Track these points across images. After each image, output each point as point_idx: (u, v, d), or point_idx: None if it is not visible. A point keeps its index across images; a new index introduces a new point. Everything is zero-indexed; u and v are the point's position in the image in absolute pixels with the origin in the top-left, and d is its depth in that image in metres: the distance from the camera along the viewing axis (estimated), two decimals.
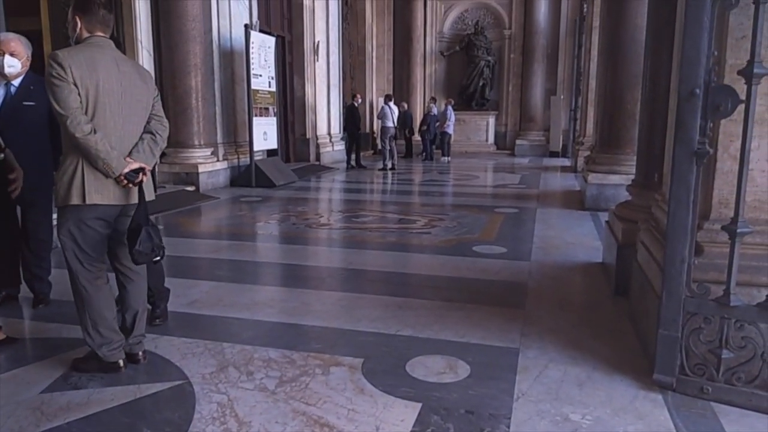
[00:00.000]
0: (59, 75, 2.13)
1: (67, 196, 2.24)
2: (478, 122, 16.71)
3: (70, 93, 2.14)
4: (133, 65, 2.43)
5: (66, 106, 2.14)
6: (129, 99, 2.31)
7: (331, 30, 12.65)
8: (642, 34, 5.30)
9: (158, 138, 2.42)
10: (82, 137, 2.15)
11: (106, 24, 2.32)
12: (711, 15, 2.10)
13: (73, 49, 2.23)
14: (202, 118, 7.94)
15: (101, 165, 2.20)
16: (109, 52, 2.30)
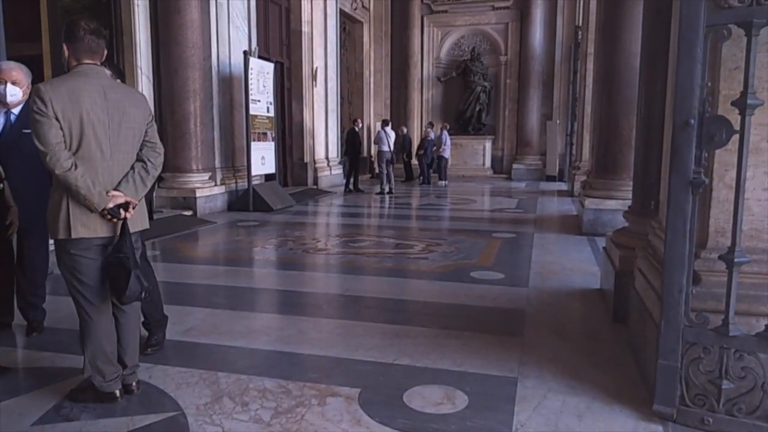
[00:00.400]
0: (40, 110, 2.10)
1: (55, 230, 2.23)
2: (475, 146, 16.80)
3: (50, 128, 2.11)
4: (123, 92, 2.35)
5: (45, 142, 2.11)
6: (117, 128, 2.26)
7: (329, 56, 12.80)
8: (636, 61, 5.37)
9: (149, 166, 2.36)
10: (61, 173, 2.13)
11: (93, 51, 2.26)
12: (704, 47, 2.13)
13: (57, 81, 2.21)
14: (200, 143, 7.98)
15: (81, 200, 2.18)
16: (96, 81, 2.24)
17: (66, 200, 2.20)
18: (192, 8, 7.63)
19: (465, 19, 16.48)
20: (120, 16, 7.35)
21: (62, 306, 3.62)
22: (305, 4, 11.69)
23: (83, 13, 7.46)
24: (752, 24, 2.03)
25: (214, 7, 8.32)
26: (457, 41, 16.91)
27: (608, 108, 6.63)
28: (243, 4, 9.08)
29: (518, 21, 15.87)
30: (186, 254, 5.57)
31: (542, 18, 15.52)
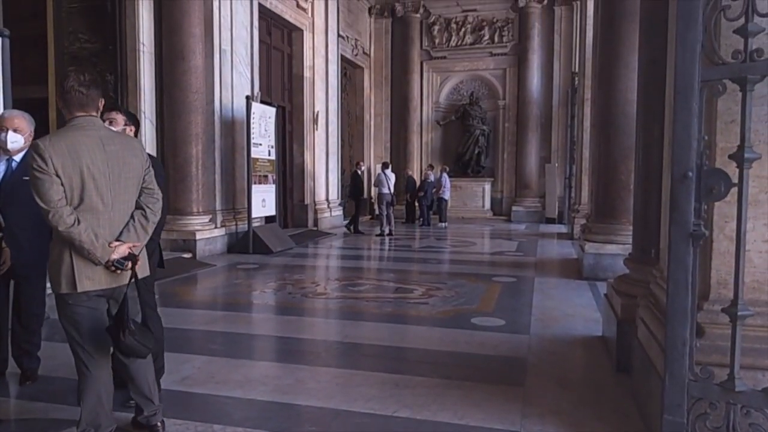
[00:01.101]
0: (40, 167, 2.09)
1: (58, 284, 2.20)
2: (474, 188, 16.89)
3: (52, 185, 2.10)
4: (121, 142, 2.34)
5: (47, 200, 2.10)
6: (117, 178, 2.25)
7: (331, 100, 13.02)
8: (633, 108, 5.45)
9: (149, 212, 2.35)
10: (65, 230, 2.12)
11: (84, 104, 2.23)
12: (700, 101, 2.16)
13: (55, 137, 2.19)
14: (201, 186, 8.02)
15: (86, 254, 2.16)
16: (93, 133, 2.23)
17: (69, 254, 2.18)
18: (196, 55, 7.79)
19: (464, 64, 16.82)
20: (126, 62, 7.50)
21: (58, 353, 3.57)
22: (307, 50, 11.95)
23: (90, 60, 7.63)
24: (747, 80, 2.07)
25: (218, 53, 8.50)
26: (456, 86, 17.21)
27: (606, 153, 6.71)
28: (246, 51, 9.28)
29: (516, 67, 16.19)
30: (184, 298, 5.52)
31: (539, 64, 15.83)
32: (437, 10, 16.49)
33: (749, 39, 2.06)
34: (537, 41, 15.74)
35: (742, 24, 2.07)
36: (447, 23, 16.62)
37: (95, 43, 7.61)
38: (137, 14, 7.43)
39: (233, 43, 8.88)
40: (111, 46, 7.54)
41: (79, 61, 7.72)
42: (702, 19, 2.15)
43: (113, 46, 7.51)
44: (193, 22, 7.75)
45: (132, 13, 7.43)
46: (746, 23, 2.06)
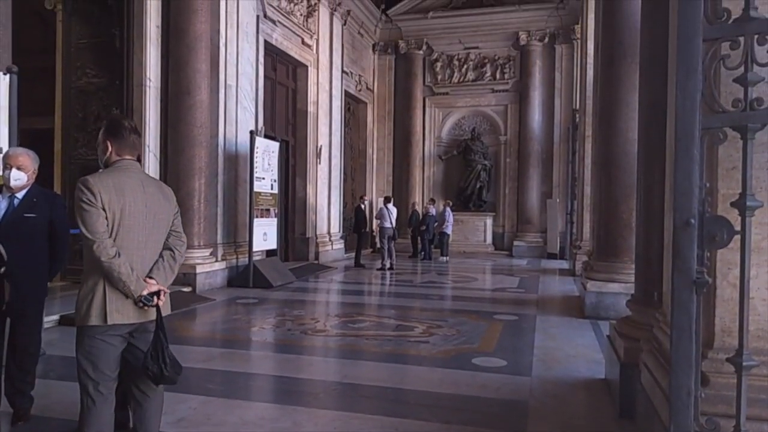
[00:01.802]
0: (89, 200, 2.21)
1: (87, 316, 2.26)
2: (476, 223, 16.90)
3: (98, 218, 2.22)
4: (157, 185, 2.53)
5: (93, 231, 2.21)
6: (152, 218, 2.39)
7: (334, 134, 13.15)
8: (633, 147, 5.48)
9: (177, 254, 2.49)
10: (106, 261, 2.21)
11: (135, 147, 2.44)
12: (701, 148, 2.16)
13: (103, 174, 2.33)
14: (203, 219, 8.03)
15: (121, 287, 2.25)
16: (136, 175, 2.40)
17: (102, 286, 2.26)
18: (202, 90, 7.90)
19: (465, 100, 17.02)
20: (132, 96, 7.60)
21: (52, 391, 3.53)
22: (312, 86, 12.12)
23: (97, 94, 7.75)
24: (747, 128, 2.07)
25: (223, 89, 8.62)
26: (458, 121, 17.39)
27: (607, 192, 6.72)
28: (251, 86, 9.42)
29: (517, 103, 16.37)
30: (183, 334, 5.47)
31: (540, 101, 16.01)
32: (440, 48, 16.77)
33: (749, 88, 2.08)
34: (538, 78, 15.96)
35: (742, 73, 2.09)
36: (449, 60, 16.88)
37: (102, 78, 7.73)
38: (145, 51, 7.56)
39: (239, 78, 9.01)
40: (118, 81, 7.65)
41: (86, 96, 7.84)
42: (702, 68, 2.16)
43: (120, 81, 7.62)
44: (199, 58, 7.87)
45: (139, 50, 7.57)
46: (746, 73, 2.08)
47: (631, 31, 6.46)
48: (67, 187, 8.21)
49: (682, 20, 2.19)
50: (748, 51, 2.10)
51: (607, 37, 6.88)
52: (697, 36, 2.17)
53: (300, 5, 11.46)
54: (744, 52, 2.11)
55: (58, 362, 4.25)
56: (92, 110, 7.81)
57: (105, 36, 7.71)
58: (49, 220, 3.15)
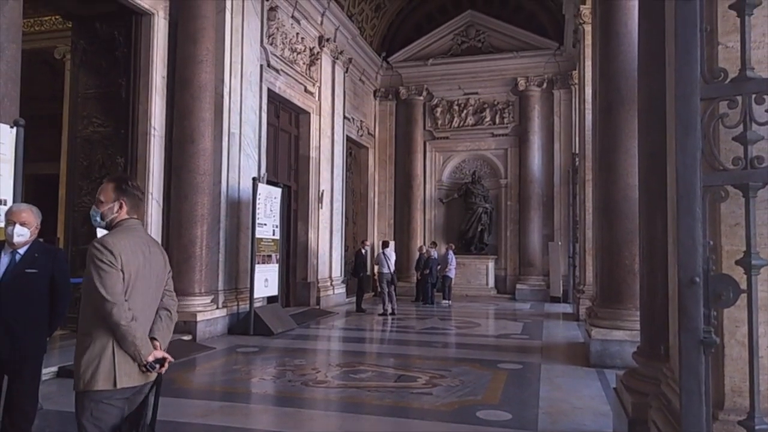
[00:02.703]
0: (110, 262, 2.19)
1: (93, 381, 2.20)
2: (478, 266, 16.83)
3: (118, 280, 2.20)
4: (157, 245, 2.53)
5: (113, 293, 2.18)
6: (155, 279, 2.40)
7: (336, 179, 13.24)
8: (634, 192, 5.50)
9: (173, 314, 2.50)
10: (125, 325, 2.18)
11: (139, 208, 2.46)
12: (703, 206, 2.16)
13: (119, 234, 2.31)
14: (204, 266, 8.00)
15: (132, 350, 2.22)
16: (143, 236, 2.43)
17: (111, 350, 2.21)
18: (206, 138, 7.99)
19: (465, 144, 17.20)
20: (136, 145, 7.70)
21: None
22: (314, 132, 12.28)
23: (102, 143, 7.84)
24: (749, 187, 2.08)
25: (227, 136, 8.73)
26: (459, 165, 17.53)
27: (609, 237, 6.70)
28: (254, 134, 9.54)
29: (517, 147, 16.53)
30: (182, 386, 5.36)
31: (540, 144, 16.17)
32: (440, 93, 17.05)
33: (749, 146, 2.09)
34: (537, 123, 16.16)
35: (741, 132, 2.11)
36: (449, 105, 17.13)
37: (108, 127, 7.84)
38: (150, 100, 7.70)
39: (242, 126, 9.14)
40: (123, 130, 7.76)
41: (91, 144, 7.93)
42: (700, 126, 2.18)
43: (125, 130, 7.73)
44: (203, 107, 8.00)
45: (145, 100, 7.70)
46: (745, 131, 2.09)
47: (628, 80, 6.58)
48: (70, 233, 8.23)
49: (680, 79, 2.22)
50: (746, 110, 2.12)
51: (605, 84, 7.00)
52: (694, 95, 2.20)
53: (303, 54, 11.72)
54: (742, 111, 2.14)
55: (56, 417, 4.16)
56: (97, 158, 7.89)
57: (112, 86, 7.85)
58: (50, 275, 3.14)
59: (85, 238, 7.60)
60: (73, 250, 7.76)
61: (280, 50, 10.71)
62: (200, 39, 7.97)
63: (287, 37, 11.03)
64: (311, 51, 12.10)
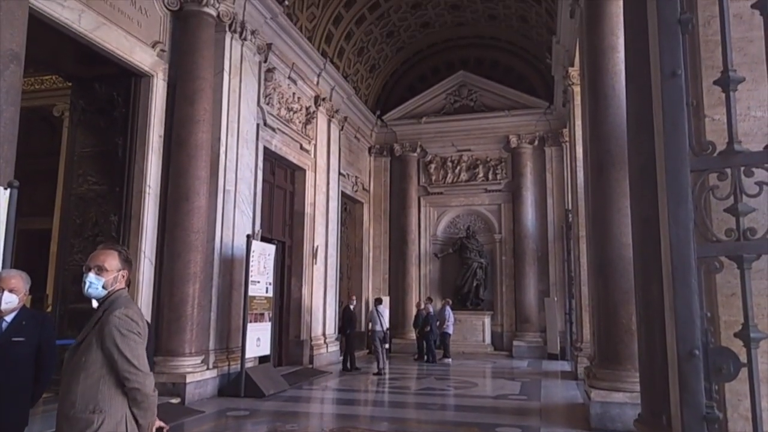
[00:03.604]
0: (139, 332, 2.20)
1: None
2: (474, 322, 16.63)
3: (144, 351, 2.21)
4: None
5: (144, 365, 2.17)
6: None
7: (330, 234, 13.24)
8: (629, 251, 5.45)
9: None
10: (151, 394, 2.18)
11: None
12: (698, 277, 2.16)
13: (134, 306, 2.32)
14: (195, 326, 7.86)
15: (150, 420, 2.20)
16: None
17: (125, 425, 2.15)
18: (200, 196, 8.02)
19: (459, 200, 17.33)
20: (131, 203, 7.71)
21: None
22: (309, 188, 12.36)
23: (96, 201, 7.85)
24: (743, 258, 2.08)
25: (222, 194, 8.76)
26: (453, 220, 17.60)
27: (605, 296, 6.65)
28: (250, 191, 9.59)
29: (510, 202, 16.66)
30: None
31: (533, 200, 16.31)
32: (433, 150, 17.30)
33: (741, 218, 2.10)
34: (530, 179, 16.35)
35: (732, 204, 2.12)
36: (443, 162, 17.36)
37: (103, 185, 7.87)
38: (146, 159, 7.77)
39: (237, 183, 9.19)
40: (118, 188, 7.79)
41: (85, 202, 7.93)
42: (692, 198, 2.20)
43: (120, 188, 7.76)
44: (199, 165, 8.07)
45: (141, 158, 7.77)
46: (736, 203, 2.11)
47: (618, 140, 6.69)
48: (59, 291, 8.09)
49: (669, 152, 2.26)
50: (736, 182, 2.14)
51: (595, 145, 7.11)
52: (684, 167, 2.23)
53: (299, 113, 11.94)
54: (732, 183, 2.16)
55: None
56: (90, 216, 7.88)
57: (109, 145, 7.93)
58: (36, 342, 3.07)
59: (75, 297, 7.49)
60: (61, 309, 7.64)
61: (277, 109, 10.91)
62: (198, 99, 8.12)
63: (284, 97, 11.26)
64: (307, 110, 12.33)
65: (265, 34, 10.25)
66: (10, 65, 4.98)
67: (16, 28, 5.08)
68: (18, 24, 5.09)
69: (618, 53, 6.98)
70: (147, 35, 7.96)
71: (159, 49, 8.11)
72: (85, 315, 2.46)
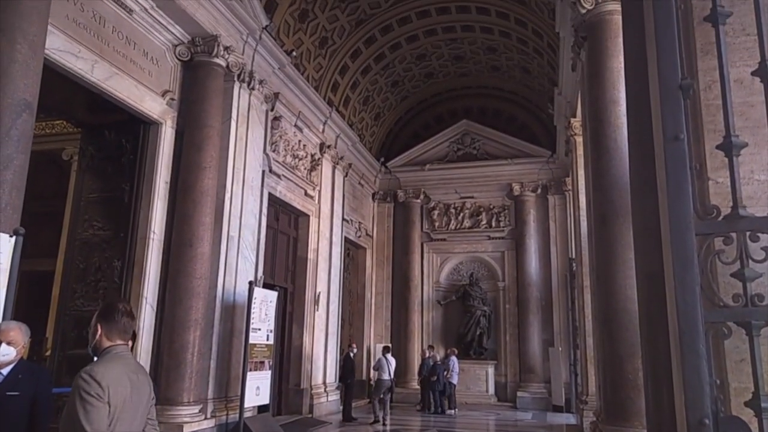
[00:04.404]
0: (98, 395, 2.12)
1: None
2: (477, 372, 16.33)
3: (104, 414, 2.12)
4: (144, 373, 2.47)
5: (97, 429, 2.10)
6: (141, 408, 2.34)
7: (333, 280, 13.18)
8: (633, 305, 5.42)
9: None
10: None
11: (126, 332, 2.38)
12: (707, 342, 2.13)
13: (106, 364, 2.25)
14: (195, 373, 7.74)
15: None
16: (131, 364, 2.38)
17: None
18: (204, 242, 8.02)
19: (463, 246, 17.30)
20: (135, 249, 7.72)
21: None
22: (313, 234, 12.39)
23: (100, 246, 7.86)
24: (751, 325, 2.05)
25: (226, 240, 8.77)
26: (456, 266, 17.53)
27: (611, 349, 6.54)
28: (253, 237, 9.60)
29: (514, 250, 16.61)
30: None
31: (536, 248, 16.26)
32: (437, 197, 17.40)
33: (748, 284, 2.09)
34: (533, 227, 16.36)
35: (739, 269, 2.11)
36: (446, 208, 17.42)
37: (108, 230, 7.90)
38: (152, 205, 7.82)
39: (241, 229, 9.21)
40: (122, 234, 7.81)
41: (89, 247, 7.95)
42: (698, 261, 2.19)
43: (124, 233, 7.78)
44: (204, 211, 8.10)
45: (147, 204, 7.82)
46: (742, 269, 2.10)
47: (621, 192, 6.71)
48: (59, 337, 8.02)
49: (673, 215, 2.26)
50: (741, 247, 2.14)
51: (598, 197, 7.13)
52: (689, 231, 2.23)
53: (304, 160, 12.08)
54: (738, 248, 2.15)
55: None
56: (93, 261, 7.87)
57: (115, 191, 8.00)
58: (32, 396, 3.01)
59: (74, 343, 7.43)
60: (60, 356, 7.55)
61: (282, 156, 11.04)
62: (205, 147, 8.23)
63: (289, 144, 11.41)
64: (312, 157, 12.48)
65: (273, 83, 10.47)
66: (23, 114, 5.08)
67: (31, 79, 5.20)
68: (32, 75, 5.21)
69: (619, 106, 7.08)
70: (157, 84, 8.15)
71: (169, 98, 8.27)
72: (84, 361, 2.43)
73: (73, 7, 6.73)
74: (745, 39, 2.55)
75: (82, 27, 6.85)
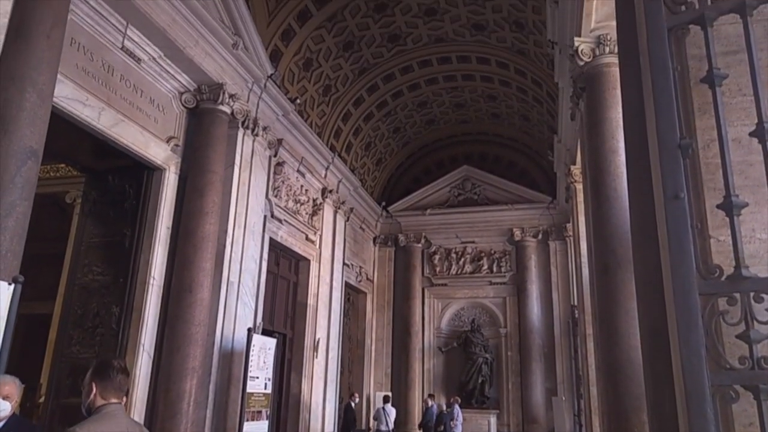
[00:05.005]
0: None
1: None
2: (480, 421, 15.96)
3: None
4: (140, 428, 2.46)
5: None
6: None
7: (332, 326, 13.03)
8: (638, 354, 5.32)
9: None
10: None
11: (122, 389, 2.35)
12: (714, 406, 2.08)
13: (94, 424, 2.22)
14: (190, 424, 7.55)
15: None
16: (123, 422, 2.32)
17: None
18: (204, 288, 7.97)
19: (464, 292, 17.19)
20: (134, 294, 7.66)
21: None
22: (313, 278, 12.32)
23: (99, 291, 7.81)
24: (759, 389, 2.01)
25: (225, 285, 8.72)
26: (457, 312, 17.37)
27: (615, 401, 6.40)
28: (253, 282, 9.55)
29: (515, 296, 16.50)
30: None
31: (538, 294, 16.15)
32: (438, 241, 17.39)
33: (753, 345, 2.06)
34: (534, 272, 16.29)
35: (744, 330, 2.08)
36: (447, 253, 17.39)
37: (107, 275, 7.86)
38: (152, 250, 7.80)
39: (241, 275, 9.17)
40: (122, 279, 7.76)
41: (88, 292, 7.89)
42: (702, 322, 2.17)
43: (124, 278, 7.74)
44: (205, 257, 8.08)
45: (147, 249, 7.81)
46: (747, 330, 2.07)
47: (622, 241, 6.69)
48: (53, 383, 7.87)
49: (676, 275, 2.24)
50: (746, 308, 2.11)
51: (600, 245, 7.11)
52: (692, 291, 2.21)
53: (306, 205, 12.13)
54: (742, 309, 2.13)
55: None
56: (92, 307, 7.80)
57: (116, 235, 8.00)
58: None
59: (69, 392, 7.28)
60: (53, 404, 7.40)
61: (284, 201, 11.10)
62: (208, 192, 8.28)
63: (292, 189, 11.49)
64: (314, 201, 12.54)
65: (277, 130, 10.62)
66: (28, 161, 5.13)
67: (38, 126, 5.27)
68: (40, 123, 5.28)
69: (619, 156, 7.14)
70: (162, 131, 8.26)
71: (173, 144, 8.37)
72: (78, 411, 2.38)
73: (83, 57, 6.88)
74: (742, 99, 2.59)
75: (91, 76, 6.99)
